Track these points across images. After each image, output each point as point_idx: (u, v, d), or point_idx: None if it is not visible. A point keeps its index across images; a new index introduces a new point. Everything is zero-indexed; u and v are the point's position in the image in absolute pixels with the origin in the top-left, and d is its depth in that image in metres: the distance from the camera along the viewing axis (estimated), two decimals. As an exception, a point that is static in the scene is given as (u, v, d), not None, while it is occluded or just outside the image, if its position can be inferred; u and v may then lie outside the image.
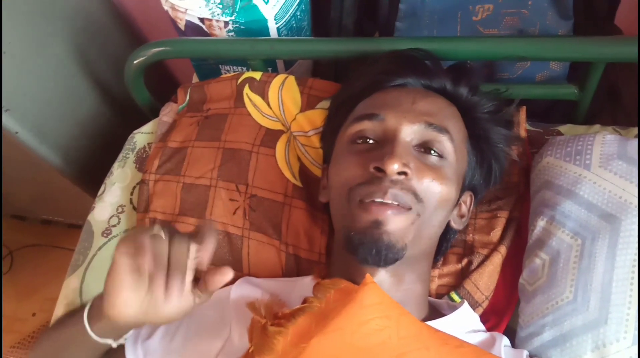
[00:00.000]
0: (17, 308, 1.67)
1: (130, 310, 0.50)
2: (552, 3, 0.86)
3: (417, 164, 0.59)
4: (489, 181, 0.70)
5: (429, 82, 0.68)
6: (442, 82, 0.68)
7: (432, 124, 0.61)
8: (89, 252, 0.87)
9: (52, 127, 1.13)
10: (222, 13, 0.91)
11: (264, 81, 0.85)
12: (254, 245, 0.77)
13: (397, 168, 0.57)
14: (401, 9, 0.91)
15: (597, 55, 0.76)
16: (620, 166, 0.66)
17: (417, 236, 0.59)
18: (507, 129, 0.71)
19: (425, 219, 0.60)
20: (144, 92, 1.00)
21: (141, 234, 0.49)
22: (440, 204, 0.60)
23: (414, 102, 0.63)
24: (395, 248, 0.57)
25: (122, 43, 1.32)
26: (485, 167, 0.69)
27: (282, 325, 0.55)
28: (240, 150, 0.82)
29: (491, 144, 0.69)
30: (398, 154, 0.58)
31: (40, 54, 1.08)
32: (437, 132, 0.61)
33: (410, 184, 0.58)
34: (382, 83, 0.68)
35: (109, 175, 0.95)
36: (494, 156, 0.69)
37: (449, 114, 0.65)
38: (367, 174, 0.59)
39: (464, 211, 0.69)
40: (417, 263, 0.63)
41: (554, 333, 0.64)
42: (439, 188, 0.60)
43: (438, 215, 0.61)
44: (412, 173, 0.58)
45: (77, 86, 1.19)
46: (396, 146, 0.59)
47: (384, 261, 0.57)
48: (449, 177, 0.61)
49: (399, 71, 0.68)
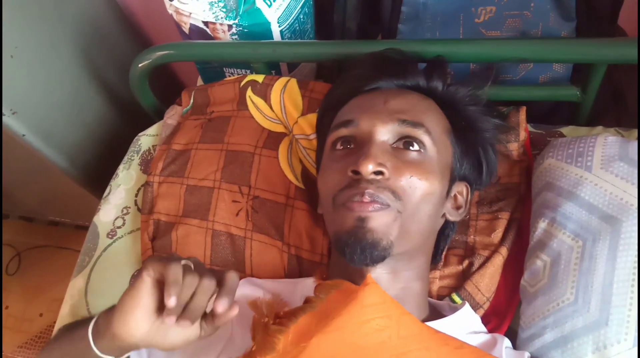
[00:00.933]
0: (25, 308, 1.68)
1: (140, 331, 0.50)
2: (554, 5, 0.86)
3: (394, 162, 0.60)
4: (481, 171, 0.70)
5: (403, 82, 0.69)
6: (416, 80, 0.69)
7: (406, 121, 0.62)
8: (94, 253, 0.88)
9: (59, 129, 1.14)
10: (225, 17, 0.92)
11: (266, 84, 0.86)
12: (256, 246, 0.77)
13: (371, 168, 0.58)
14: (404, 12, 0.92)
15: (598, 56, 0.76)
16: (621, 168, 0.66)
17: (404, 232, 0.60)
18: (491, 117, 0.71)
19: (409, 215, 0.60)
20: (149, 95, 1.01)
21: (174, 262, 0.49)
22: (424, 198, 0.61)
23: (386, 102, 0.64)
24: (379, 246, 0.58)
25: (127, 47, 1.33)
26: (472, 157, 0.69)
27: (283, 324, 0.56)
28: (243, 152, 0.82)
29: (476, 133, 0.69)
30: (372, 154, 0.59)
31: (47, 58, 1.09)
32: (411, 127, 0.62)
33: (388, 183, 0.59)
34: (357, 89, 0.69)
35: (114, 177, 0.96)
36: (480, 144, 0.69)
37: (423, 108, 0.66)
38: (347, 178, 0.60)
39: (461, 202, 0.69)
40: (412, 260, 0.63)
41: (555, 334, 0.64)
42: (419, 183, 0.60)
43: (424, 209, 0.61)
44: (389, 172, 0.59)
45: (83, 89, 1.21)
46: (370, 146, 0.60)
47: (370, 259, 0.58)
48: (430, 170, 0.61)
49: (371, 74, 0.70)
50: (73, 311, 0.85)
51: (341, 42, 0.96)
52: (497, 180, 0.77)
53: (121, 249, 0.88)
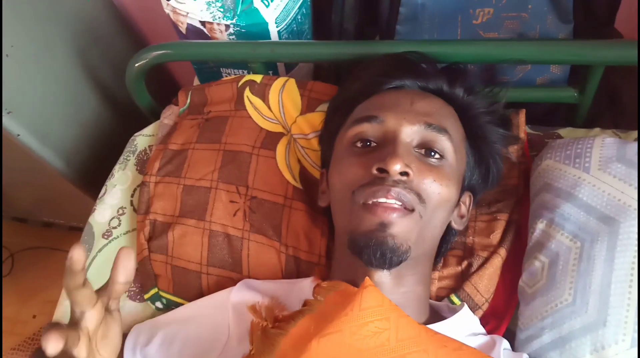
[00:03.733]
0: (19, 310, 1.67)
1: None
2: (552, 7, 0.86)
3: (418, 164, 0.60)
4: (487, 181, 0.71)
5: (426, 84, 0.69)
6: (439, 84, 0.69)
7: (432, 125, 0.62)
8: (89, 254, 0.88)
9: (54, 129, 1.13)
10: (223, 16, 0.92)
11: (264, 84, 0.86)
12: (254, 247, 0.77)
13: (399, 168, 0.57)
14: (402, 13, 0.92)
15: (595, 58, 0.76)
16: (619, 169, 0.66)
17: (420, 238, 0.60)
18: (504, 128, 0.71)
19: (427, 220, 0.60)
20: (145, 95, 1.00)
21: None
22: (441, 204, 0.61)
23: (413, 103, 0.64)
24: (399, 251, 0.57)
25: (123, 46, 1.33)
26: (483, 167, 0.69)
27: (282, 328, 0.55)
28: (241, 152, 0.82)
29: (488, 144, 0.69)
30: (400, 154, 0.58)
31: (42, 57, 1.08)
32: (436, 132, 0.62)
33: (412, 184, 0.59)
34: (379, 85, 0.68)
35: (110, 177, 0.95)
36: (491, 156, 0.69)
37: (446, 114, 0.66)
38: (370, 175, 0.59)
39: (464, 211, 0.69)
40: (418, 265, 0.63)
41: (553, 335, 0.64)
42: (439, 189, 0.60)
43: (439, 216, 0.61)
44: (413, 174, 0.58)
45: (79, 89, 1.20)
46: (397, 146, 0.59)
47: (389, 263, 0.57)
48: (449, 177, 0.61)
49: (396, 73, 0.69)
50: (67, 313, 0.84)
51: (340, 42, 0.96)
52: (496, 181, 0.78)
53: (117, 250, 0.86)
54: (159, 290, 0.81)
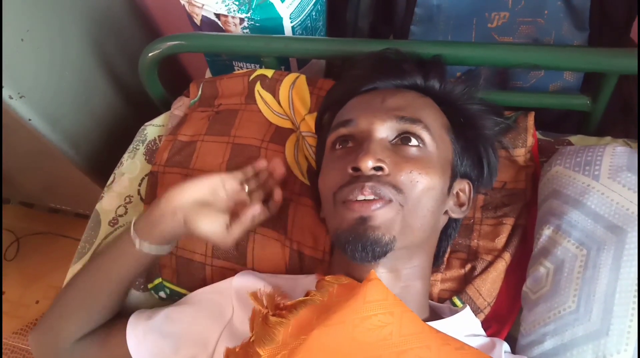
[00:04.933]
0: (22, 294, 1.68)
1: (188, 199, 0.67)
2: (568, 14, 0.86)
3: (394, 158, 0.60)
4: (482, 168, 0.70)
5: (400, 81, 0.69)
6: (413, 79, 0.69)
7: (404, 117, 0.62)
8: (94, 240, 0.88)
9: (65, 116, 1.14)
10: (238, 10, 0.92)
11: (275, 79, 0.86)
12: (259, 240, 0.77)
13: (371, 164, 0.58)
14: (417, 13, 0.92)
15: (610, 66, 0.75)
16: (628, 178, 0.66)
17: (406, 227, 0.59)
18: (491, 114, 0.71)
19: (411, 209, 0.60)
20: (157, 85, 1.01)
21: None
22: (425, 193, 0.60)
23: (383, 100, 0.65)
24: (382, 242, 0.57)
25: (138, 36, 1.33)
26: (473, 153, 0.69)
27: (283, 316, 0.56)
28: (250, 146, 0.82)
29: (476, 129, 0.69)
30: (371, 150, 0.59)
31: (57, 44, 1.09)
32: (410, 123, 0.62)
33: (388, 179, 0.59)
34: (355, 90, 0.70)
35: (118, 165, 0.96)
36: (480, 141, 0.69)
37: (420, 105, 0.66)
38: (347, 176, 0.60)
39: (464, 199, 0.69)
40: (412, 257, 0.63)
41: (555, 342, 0.64)
42: (419, 177, 0.60)
43: (426, 204, 0.61)
44: (388, 168, 0.59)
45: (91, 77, 1.20)
46: (369, 143, 0.60)
47: (372, 255, 0.58)
48: (430, 165, 0.61)
49: (369, 75, 0.70)
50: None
51: (354, 40, 0.96)
52: (503, 185, 0.77)
53: (122, 237, 0.87)
54: (163, 280, 0.81)
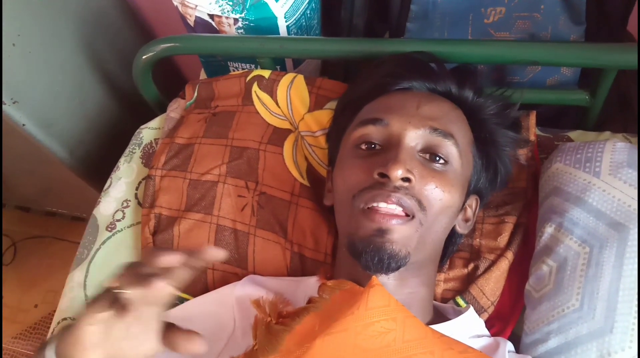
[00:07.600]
0: (20, 299, 1.67)
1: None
2: (564, 8, 0.86)
3: (421, 170, 0.59)
4: (495, 184, 0.70)
5: (434, 86, 0.68)
6: (447, 86, 0.68)
7: (437, 129, 0.61)
8: (93, 246, 0.87)
9: (60, 120, 1.13)
10: (232, 10, 0.91)
11: (272, 79, 0.85)
12: (259, 243, 0.76)
13: (400, 173, 0.56)
14: (412, 10, 0.91)
15: (609, 62, 0.75)
16: (630, 175, 0.66)
17: (421, 243, 0.59)
18: (513, 131, 0.70)
19: (428, 227, 0.59)
20: (151, 87, 1.00)
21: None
22: (443, 211, 0.60)
23: (419, 106, 0.63)
24: (398, 257, 0.57)
25: (131, 38, 1.32)
26: (491, 170, 0.68)
27: (286, 324, 0.55)
28: (248, 148, 0.82)
29: (497, 147, 0.68)
30: (402, 159, 0.57)
31: (49, 48, 1.08)
32: (441, 137, 0.61)
33: (414, 191, 0.58)
34: (387, 86, 0.67)
35: (115, 170, 0.95)
36: (500, 159, 0.68)
37: (453, 117, 0.64)
38: (371, 179, 0.58)
39: (469, 215, 0.68)
40: (421, 268, 0.63)
41: (559, 340, 0.64)
42: (442, 195, 0.59)
43: (441, 222, 0.61)
44: (415, 180, 0.58)
45: (85, 80, 1.19)
46: (400, 151, 0.58)
47: (387, 268, 0.57)
48: (453, 183, 0.60)
49: (404, 74, 0.68)
50: (71, 304, 0.84)
51: (349, 39, 0.95)
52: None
53: (120, 242, 0.87)
54: (163, 284, 0.81)
